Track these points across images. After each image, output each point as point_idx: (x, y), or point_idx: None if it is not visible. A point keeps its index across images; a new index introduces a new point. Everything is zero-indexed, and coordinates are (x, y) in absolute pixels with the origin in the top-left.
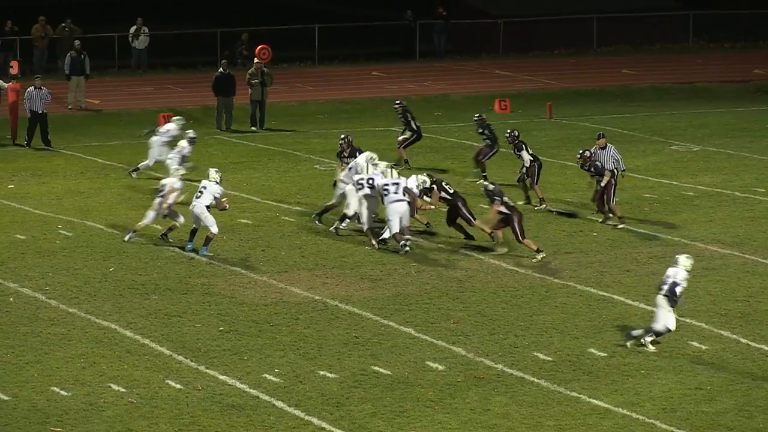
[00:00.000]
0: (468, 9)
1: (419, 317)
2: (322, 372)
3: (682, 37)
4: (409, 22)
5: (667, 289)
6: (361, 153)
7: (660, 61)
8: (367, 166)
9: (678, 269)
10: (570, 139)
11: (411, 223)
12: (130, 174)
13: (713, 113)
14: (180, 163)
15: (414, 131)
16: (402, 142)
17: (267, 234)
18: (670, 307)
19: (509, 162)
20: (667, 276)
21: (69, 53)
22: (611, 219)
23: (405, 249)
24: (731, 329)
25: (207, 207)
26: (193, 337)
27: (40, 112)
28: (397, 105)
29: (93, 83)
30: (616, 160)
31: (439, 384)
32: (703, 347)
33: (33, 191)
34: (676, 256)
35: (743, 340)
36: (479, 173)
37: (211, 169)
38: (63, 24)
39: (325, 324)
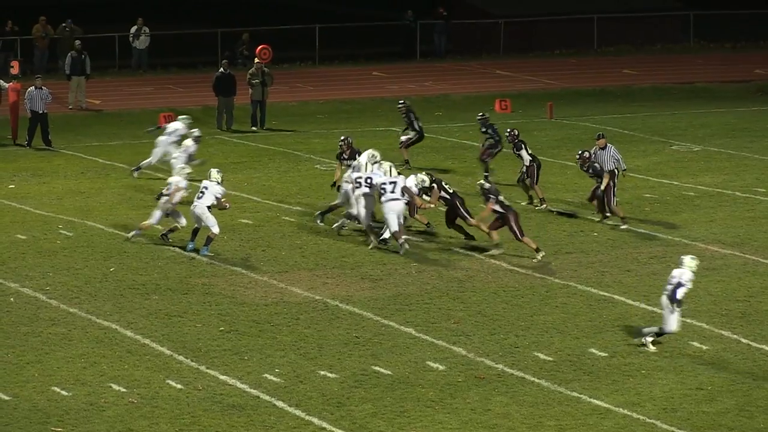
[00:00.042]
0: (468, 9)
1: (420, 317)
2: (322, 372)
3: (682, 37)
4: (410, 22)
5: (671, 290)
6: (361, 155)
7: (661, 61)
8: (367, 164)
9: (683, 270)
10: (570, 140)
11: (411, 223)
12: (131, 173)
13: (714, 113)
14: (186, 162)
15: (417, 131)
16: (405, 142)
17: (267, 234)
18: (673, 308)
19: (509, 162)
20: (672, 277)
21: (69, 53)
22: (611, 219)
23: (404, 248)
24: (732, 329)
25: (208, 207)
26: (194, 337)
27: (40, 112)
28: (401, 105)
29: (93, 83)
30: (616, 159)
31: (440, 384)
32: (704, 347)
33: (34, 191)
34: (681, 257)
35: (744, 340)
36: (486, 169)
37: (213, 170)
38: (63, 24)
39: (326, 324)
